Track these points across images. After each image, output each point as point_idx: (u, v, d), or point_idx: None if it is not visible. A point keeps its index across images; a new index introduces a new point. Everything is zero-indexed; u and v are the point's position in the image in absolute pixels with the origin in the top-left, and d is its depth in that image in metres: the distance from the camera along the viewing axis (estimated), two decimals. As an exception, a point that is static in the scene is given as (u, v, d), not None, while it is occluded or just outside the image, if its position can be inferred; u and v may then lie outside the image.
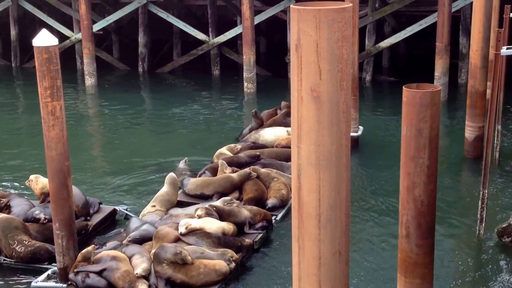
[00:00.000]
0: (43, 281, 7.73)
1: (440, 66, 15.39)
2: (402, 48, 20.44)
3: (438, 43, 15.27)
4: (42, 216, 8.49)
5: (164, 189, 9.45)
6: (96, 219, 9.26)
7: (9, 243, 8.02)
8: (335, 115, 3.20)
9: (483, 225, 8.61)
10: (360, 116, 13.02)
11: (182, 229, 8.04)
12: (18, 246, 7.97)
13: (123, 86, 18.84)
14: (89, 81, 18.42)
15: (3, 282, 7.88)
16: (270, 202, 9.66)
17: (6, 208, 8.93)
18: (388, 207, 9.92)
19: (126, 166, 12.12)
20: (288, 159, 11.03)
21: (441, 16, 15.16)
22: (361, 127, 12.64)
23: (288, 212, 9.65)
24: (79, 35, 19.24)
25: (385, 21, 19.12)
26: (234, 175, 9.99)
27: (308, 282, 3.19)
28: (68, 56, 20.27)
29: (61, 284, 7.57)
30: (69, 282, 7.38)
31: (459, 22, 17.21)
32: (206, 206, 8.71)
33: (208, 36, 19.07)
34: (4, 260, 8.11)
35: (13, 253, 8.02)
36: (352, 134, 12.04)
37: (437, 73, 15.49)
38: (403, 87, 5.22)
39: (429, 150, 5.15)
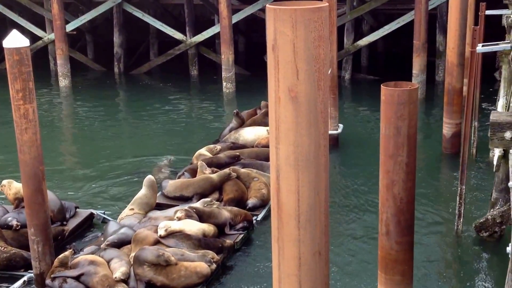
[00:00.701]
0: (19, 287, 7.57)
1: (418, 64, 15.52)
2: (380, 46, 20.57)
3: (416, 41, 15.39)
4: (14, 222, 8.31)
5: (143, 191, 9.33)
6: (72, 223, 9.10)
7: (-19, 251, 7.85)
8: (313, 115, 3.17)
9: (461, 220, 8.68)
10: (340, 114, 13.06)
11: (161, 232, 7.95)
12: (-7, 253, 7.80)
13: (98, 87, 18.61)
14: (63, 82, 18.15)
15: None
16: (251, 202, 9.62)
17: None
18: (369, 204, 9.96)
19: (103, 168, 11.95)
20: (268, 158, 10.93)
21: (418, 14, 15.28)
22: (341, 125, 12.67)
23: (269, 211, 9.62)
24: (52, 36, 18.93)
25: (363, 19, 19.22)
26: (214, 175, 9.92)
27: (289, 283, 3.15)
28: (40, 57, 19.96)
29: (37, 291, 7.43)
30: (46, 288, 7.25)
31: (436, 20, 17.38)
32: (186, 208, 8.63)
33: (186, 35, 18.94)
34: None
35: (-12, 260, 7.84)
36: (332, 132, 12.06)
37: (414, 70, 15.61)
38: (381, 85, 5.22)
39: (408, 148, 5.16)
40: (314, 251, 3.23)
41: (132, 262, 7.37)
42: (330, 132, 11.70)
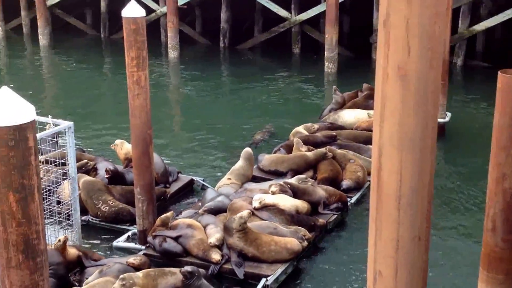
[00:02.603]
0: (124, 241, 8.11)
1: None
2: (499, 32, 19.32)
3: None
4: (110, 167, 8.95)
5: (240, 163, 9.57)
6: (174, 187, 9.56)
7: (94, 203, 8.45)
8: (422, 95, 3.06)
9: None
10: (448, 102, 12.53)
11: (256, 204, 8.12)
12: (103, 206, 8.38)
13: (204, 60, 19.15)
14: (172, 54, 18.85)
15: (90, 240, 8.33)
16: (345, 183, 9.54)
17: (93, 170, 9.38)
18: (472, 199, 9.53)
19: (204, 138, 12.38)
20: (366, 141, 10.82)
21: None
22: (448, 114, 12.17)
23: (364, 195, 9.52)
24: (164, 9, 19.67)
25: (481, 2, 18.12)
26: (309, 153, 9.94)
27: (385, 264, 3.11)
28: (152, 29, 20.80)
29: (139, 246, 7.91)
30: (147, 245, 7.68)
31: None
32: (281, 182, 8.73)
33: (290, 13, 18.91)
34: (91, 219, 8.55)
35: (98, 213, 8.44)
36: (439, 120, 11.61)
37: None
38: (499, 72, 4.94)
39: (522, 139, 4.85)
40: (414, 235, 3.15)
41: (223, 231, 7.59)
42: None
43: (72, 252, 7.02)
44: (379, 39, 3.18)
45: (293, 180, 8.92)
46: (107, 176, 8.97)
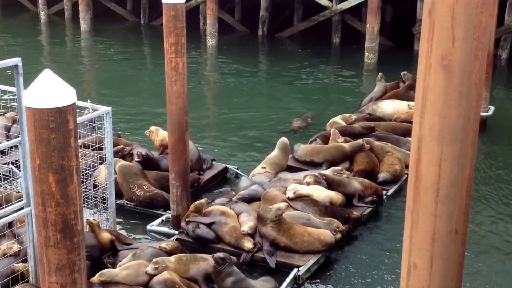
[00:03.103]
0: (158, 225, 8.22)
1: None
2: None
3: None
4: (142, 151, 9.06)
5: (275, 152, 9.54)
6: (208, 174, 9.62)
7: (130, 187, 8.58)
8: (465, 86, 2.98)
9: None
10: (491, 95, 12.20)
11: (290, 194, 8.10)
12: (138, 190, 8.51)
13: (242, 48, 19.14)
14: (210, 41, 18.90)
15: (124, 223, 8.47)
16: (382, 176, 9.41)
17: (129, 156, 9.52)
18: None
19: (240, 126, 12.40)
20: (405, 134, 10.64)
21: None
22: (491, 107, 11.85)
23: (400, 188, 9.39)
24: (202, -4, 19.72)
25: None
26: (346, 145, 9.83)
27: (419, 256, 3.06)
28: (191, 16, 20.87)
29: (173, 230, 8.00)
30: (181, 230, 7.77)
31: None
32: (316, 173, 8.68)
33: (331, 1, 18.69)
34: (126, 203, 8.69)
35: (133, 197, 8.57)
36: (481, 113, 11.33)
37: None
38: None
39: None
40: (451, 228, 3.09)
41: (256, 220, 7.60)
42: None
43: (106, 235, 7.14)
44: (423, 28, 3.10)
45: (328, 172, 8.85)
46: (138, 160, 9.06)
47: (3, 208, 6.11)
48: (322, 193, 8.27)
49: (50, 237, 4.33)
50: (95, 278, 6.22)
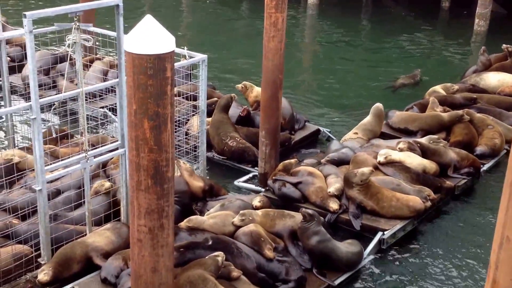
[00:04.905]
0: (245, 181, 8.36)
1: None
2: None
3: None
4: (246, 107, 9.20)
5: (368, 118, 9.32)
6: (300, 135, 9.59)
7: (221, 139, 8.72)
8: None
9: None
10: None
11: (381, 158, 7.92)
12: (231, 141, 8.63)
13: (343, 9, 18.63)
14: None
15: (211, 176, 8.68)
16: (480, 149, 8.95)
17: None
18: None
19: (335, 89, 12.21)
20: (509, 108, 10.05)
21: None
22: None
23: (497, 164, 8.94)
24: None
25: None
26: (445, 114, 9.41)
27: (514, 230, 2.89)
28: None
29: (259, 187, 8.10)
30: (267, 187, 7.85)
31: None
32: (410, 141, 8.41)
33: (442, -37, 17.64)
34: (215, 156, 8.89)
35: (225, 148, 8.67)
36: None
37: None
38: None
39: None
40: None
41: (343, 182, 7.50)
42: None
43: (198, 184, 7.34)
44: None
45: (424, 140, 8.54)
46: (243, 115, 9.17)
47: (98, 147, 6.44)
48: (415, 160, 8.01)
49: (141, 181, 4.50)
50: (183, 224, 6.46)
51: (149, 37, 4.19)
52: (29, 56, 5.50)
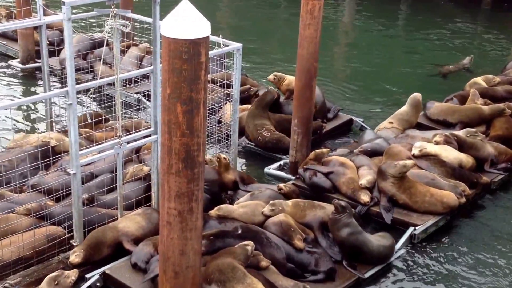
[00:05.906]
0: (275, 169, 8.29)
1: None
2: None
3: None
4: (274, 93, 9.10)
5: (405, 108, 9.14)
6: (332, 124, 9.47)
7: (256, 129, 8.66)
8: None
9: None
10: None
11: (415, 151, 7.76)
12: (265, 132, 8.58)
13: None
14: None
15: (241, 162, 8.61)
16: (520, 144, 8.68)
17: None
18: None
19: (370, 79, 12.02)
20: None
21: None
22: None
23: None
24: None
25: None
26: (485, 107, 9.16)
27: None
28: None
29: (289, 176, 8.04)
30: (297, 176, 7.78)
31: None
32: (447, 133, 8.21)
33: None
34: (247, 143, 8.85)
35: (259, 137, 8.62)
36: None
37: None
38: None
39: None
40: None
41: (377, 174, 7.37)
42: None
43: (230, 177, 7.29)
44: None
45: (461, 133, 8.33)
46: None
47: (132, 133, 6.48)
48: (451, 154, 7.82)
49: (172, 165, 4.52)
50: (213, 212, 6.45)
51: (185, 21, 4.17)
52: (66, 43, 5.54)
